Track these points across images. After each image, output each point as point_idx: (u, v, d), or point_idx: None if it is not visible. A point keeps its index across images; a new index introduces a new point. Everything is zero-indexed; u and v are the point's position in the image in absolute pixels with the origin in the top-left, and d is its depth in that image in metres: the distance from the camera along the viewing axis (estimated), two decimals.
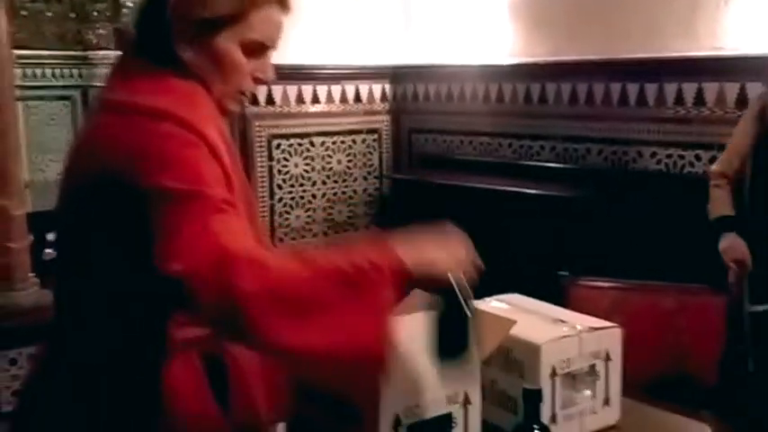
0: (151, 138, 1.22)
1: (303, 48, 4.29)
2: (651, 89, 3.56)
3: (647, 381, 1.81)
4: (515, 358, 1.51)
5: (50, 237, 4.72)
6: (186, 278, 1.11)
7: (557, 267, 2.36)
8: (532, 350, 1.48)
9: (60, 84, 6.10)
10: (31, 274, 3.64)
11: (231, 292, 1.10)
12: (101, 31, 5.55)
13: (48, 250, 4.68)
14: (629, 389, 1.64)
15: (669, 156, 3.54)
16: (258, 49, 1.38)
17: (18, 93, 3.66)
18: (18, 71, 4.30)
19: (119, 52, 1.44)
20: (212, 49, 1.34)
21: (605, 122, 3.77)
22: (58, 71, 6.09)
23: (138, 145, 1.21)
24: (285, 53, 1.49)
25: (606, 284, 2.31)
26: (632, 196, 3.45)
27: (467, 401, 1.41)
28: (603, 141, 3.78)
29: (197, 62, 1.34)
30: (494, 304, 1.67)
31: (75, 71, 6.07)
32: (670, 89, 3.50)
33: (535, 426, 1.32)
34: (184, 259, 1.12)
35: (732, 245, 2.72)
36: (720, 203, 2.82)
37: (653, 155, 3.59)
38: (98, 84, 5.77)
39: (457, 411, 1.40)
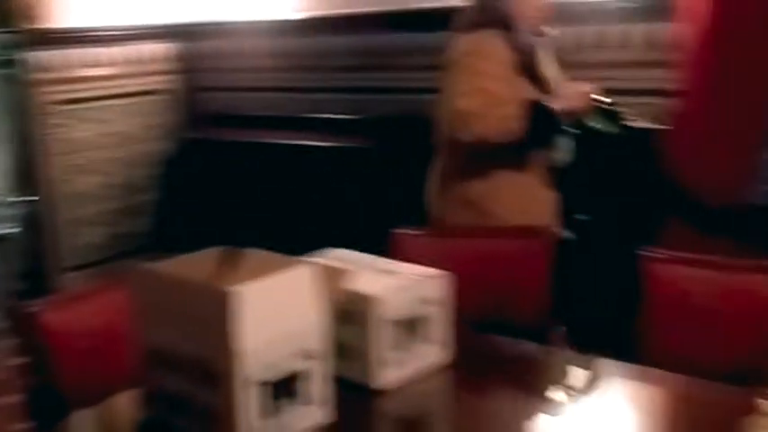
0: None
1: (84, 9, 4.03)
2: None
3: (477, 320, 1.93)
4: (352, 310, 1.58)
5: None
6: None
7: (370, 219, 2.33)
8: (368, 301, 1.56)
9: None
10: None
11: None
12: None
13: None
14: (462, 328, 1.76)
15: None
16: None
17: None
18: None
19: None
20: None
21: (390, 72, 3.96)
22: None
23: None
24: (66, 16, 1.34)
25: (430, 234, 2.30)
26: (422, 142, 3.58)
27: (313, 356, 1.45)
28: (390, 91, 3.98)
29: None
30: (321, 260, 1.71)
31: None
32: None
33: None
34: None
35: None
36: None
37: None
38: None
39: (307, 366, 1.44)
